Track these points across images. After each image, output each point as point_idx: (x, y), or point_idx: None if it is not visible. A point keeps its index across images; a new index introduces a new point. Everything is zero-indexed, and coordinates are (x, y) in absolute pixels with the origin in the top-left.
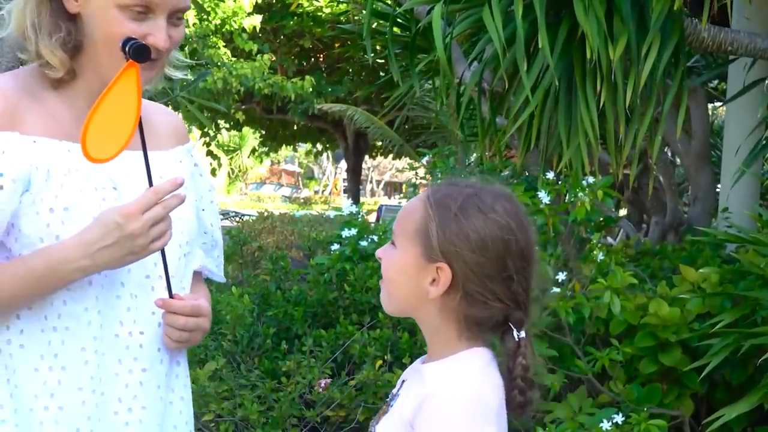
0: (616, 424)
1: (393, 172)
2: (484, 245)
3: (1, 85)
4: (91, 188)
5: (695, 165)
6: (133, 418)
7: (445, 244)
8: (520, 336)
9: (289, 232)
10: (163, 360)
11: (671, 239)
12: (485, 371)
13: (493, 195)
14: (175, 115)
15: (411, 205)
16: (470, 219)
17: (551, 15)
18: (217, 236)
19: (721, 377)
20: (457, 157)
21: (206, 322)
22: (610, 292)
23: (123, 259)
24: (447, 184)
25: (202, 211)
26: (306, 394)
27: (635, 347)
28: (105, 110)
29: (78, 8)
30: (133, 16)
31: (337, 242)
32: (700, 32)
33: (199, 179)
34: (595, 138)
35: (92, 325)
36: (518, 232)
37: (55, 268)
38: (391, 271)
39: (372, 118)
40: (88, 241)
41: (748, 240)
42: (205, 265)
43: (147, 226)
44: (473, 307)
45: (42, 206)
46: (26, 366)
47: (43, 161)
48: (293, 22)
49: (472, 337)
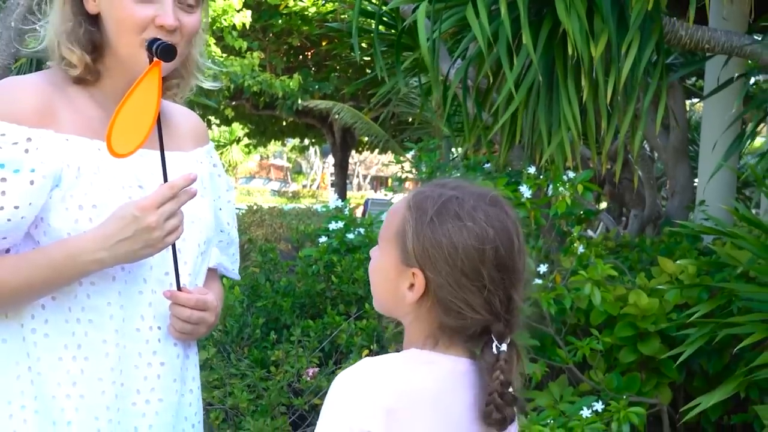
0: (596, 412)
1: (379, 167)
2: (456, 254)
3: (39, 82)
4: (119, 186)
5: (673, 160)
6: (150, 409)
7: (418, 250)
8: (500, 349)
9: (278, 225)
10: (179, 355)
11: (650, 232)
12: (395, 368)
13: (477, 198)
14: (196, 116)
15: (395, 206)
16: (444, 225)
17: (534, 13)
18: (233, 235)
19: (698, 366)
20: (442, 152)
21: (211, 316)
22: (591, 284)
23: (139, 252)
24: (433, 184)
25: (220, 210)
26: (294, 382)
27: (615, 337)
28: (130, 107)
29: (97, 8)
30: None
31: (325, 235)
32: (679, 30)
33: (218, 179)
34: (577, 133)
35: (114, 318)
36: (498, 240)
37: (73, 259)
38: (373, 273)
39: (358, 114)
40: (106, 234)
41: (725, 232)
42: (221, 262)
43: (162, 219)
44: (447, 316)
45: (71, 202)
46: (50, 355)
47: (74, 159)
48: (282, 20)
49: (444, 344)
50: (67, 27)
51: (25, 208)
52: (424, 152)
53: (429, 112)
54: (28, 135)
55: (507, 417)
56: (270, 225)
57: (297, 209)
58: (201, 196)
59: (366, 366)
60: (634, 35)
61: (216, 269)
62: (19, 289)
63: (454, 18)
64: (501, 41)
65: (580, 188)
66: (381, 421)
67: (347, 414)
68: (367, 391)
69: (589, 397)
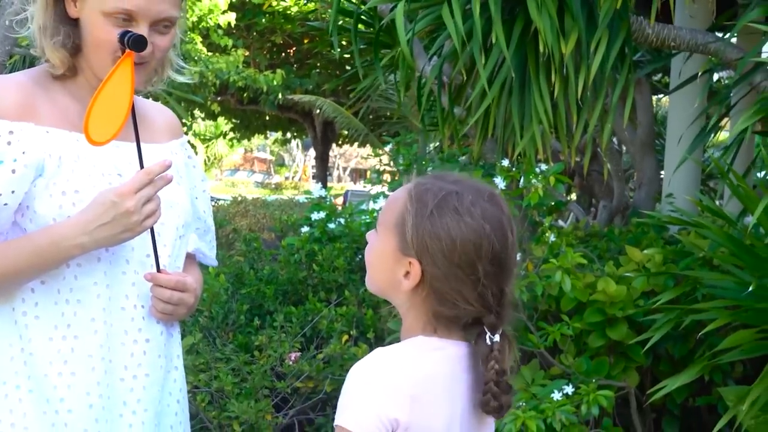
0: (567, 395)
1: (358, 160)
2: (454, 247)
3: (21, 80)
4: (99, 174)
5: (640, 153)
6: (137, 384)
7: (417, 241)
8: (493, 340)
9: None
10: (163, 332)
11: (618, 222)
12: (411, 356)
13: (476, 194)
14: (170, 111)
15: (396, 195)
16: (443, 219)
17: (506, 12)
18: (209, 223)
19: (665, 350)
20: (418, 145)
21: (190, 297)
22: (561, 272)
23: (119, 236)
24: (434, 177)
25: (196, 199)
26: (277, 366)
27: (584, 323)
28: (105, 97)
29: (77, 13)
30: (117, 23)
31: (307, 225)
32: (645, 29)
33: (193, 170)
34: (548, 127)
35: (101, 297)
36: (493, 235)
37: (56, 244)
38: (371, 256)
39: (339, 108)
40: (87, 220)
41: (690, 223)
42: (198, 248)
43: (140, 204)
44: (441, 306)
45: (55, 189)
46: (41, 335)
47: (55, 149)
48: (265, 19)
49: (443, 331)
50: (50, 28)
51: (8, 195)
52: (402, 145)
53: (406, 107)
54: (10, 128)
55: (504, 405)
56: (254, 215)
57: (280, 200)
58: (177, 184)
59: (382, 356)
60: (602, 33)
61: (194, 255)
62: (6, 274)
63: (430, 17)
64: (474, 39)
65: (552, 180)
66: (407, 407)
67: (374, 404)
68: (390, 380)
69: (560, 380)
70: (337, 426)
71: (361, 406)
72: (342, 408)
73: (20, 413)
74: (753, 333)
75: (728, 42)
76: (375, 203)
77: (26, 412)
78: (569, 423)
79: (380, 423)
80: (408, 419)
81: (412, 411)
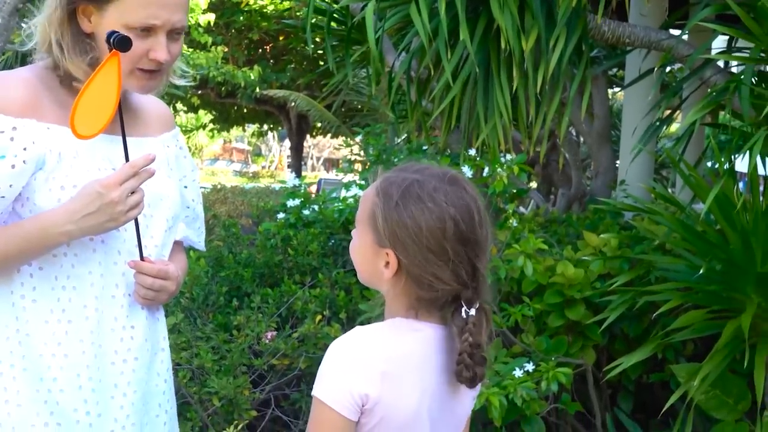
0: (528, 372)
1: (331, 150)
2: (421, 233)
3: (27, 76)
4: (95, 169)
5: (597, 143)
6: (127, 367)
7: (388, 232)
8: (468, 313)
9: (240, 202)
10: (148, 317)
11: (576, 209)
12: (385, 335)
13: (438, 179)
14: (163, 104)
15: (366, 192)
16: (408, 207)
17: (470, 10)
18: (198, 210)
19: (620, 330)
20: (387, 136)
21: (172, 285)
22: (523, 256)
23: (104, 224)
24: (398, 170)
25: (185, 188)
26: (254, 345)
27: (544, 304)
28: (91, 93)
29: (92, 28)
30: (137, 34)
31: (282, 211)
32: (601, 26)
33: (183, 161)
34: (509, 119)
35: (95, 286)
36: (458, 216)
37: (44, 231)
38: (354, 254)
39: (312, 102)
40: (74, 209)
41: (644, 209)
42: (187, 236)
43: (124, 195)
44: (421, 289)
45: (54, 184)
46: (38, 318)
47: (55, 145)
48: (243, 17)
49: (424, 314)
50: (72, 45)
51: (5, 189)
52: (372, 136)
53: (376, 100)
54: (14, 124)
55: (477, 375)
56: (232, 202)
57: (257, 188)
58: (168, 177)
59: (359, 335)
60: (561, 31)
61: (182, 242)
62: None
63: (399, 15)
64: (440, 36)
65: (516, 170)
66: (377, 383)
67: (346, 379)
68: (363, 357)
69: (521, 358)
70: (313, 396)
71: (334, 380)
72: (318, 381)
73: (14, 391)
74: (703, 313)
75: (680, 39)
76: (347, 191)
77: (20, 390)
78: (530, 398)
79: (350, 397)
80: (378, 395)
81: (383, 387)
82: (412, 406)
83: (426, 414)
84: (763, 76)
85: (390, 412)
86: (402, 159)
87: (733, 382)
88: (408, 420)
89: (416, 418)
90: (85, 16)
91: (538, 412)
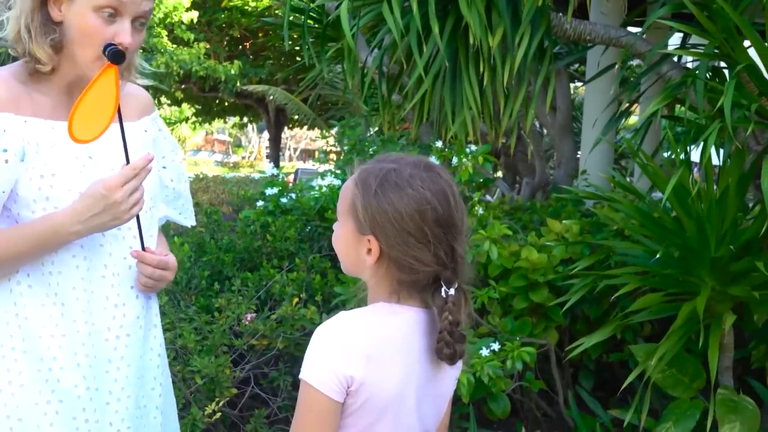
0: (494, 352)
1: (307, 141)
2: (401, 218)
3: (2, 74)
4: (72, 158)
5: (560, 135)
6: (120, 343)
7: (369, 220)
8: (448, 293)
9: (221, 191)
10: (138, 296)
11: (539, 197)
12: (369, 319)
13: (413, 167)
14: (142, 90)
15: (345, 185)
16: (387, 194)
17: (440, 9)
18: (179, 189)
19: (581, 312)
20: (361, 128)
21: (170, 275)
22: (489, 241)
23: (109, 223)
24: (375, 161)
25: (163, 168)
26: (235, 326)
27: (509, 287)
28: (88, 101)
29: (61, 17)
30: (104, 19)
31: (261, 199)
32: (564, 24)
33: (163, 141)
34: (477, 112)
35: (80, 268)
36: (435, 200)
37: (55, 231)
38: (337, 244)
39: (289, 96)
40: (81, 211)
41: (604, 197)
42: (167, 215)
43: (127, 195)
44: (402, 272)
45: (34, 173)
46: (35, 302)
47: (33, 137)
48: (224, 15)
49: (406, 298)
50: (39, 29)
51: (6, 183)
52: (346, 128)
53: (350, 94)
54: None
55: (457, 352)
56: (214, 191)
57: (237, 177)
58: None
59: (343, 319)
60: (525, 28)
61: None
62: (9, 258)
63: (372, 13)
64: (412, 33)
65: (481, 159)
66: (362, 366)
67: (332, 362)
68: (348, 341)
69: (488, 338)
70: (301, 379)
71: (320, 364)
72: (305, 364)
73: (16, 372)
74: (660, 296)
75: (638, 36)
76: (323, 180)
77: (21, 371)
78: (496, 376)
79: (336, 379)
80: (363, 377)
81: (367, 369)
82: (395, 387)
83: (410, 394)
84: (716, 72)
85: (374, 392)
86: (375, 150)
87: (688, 361)
88: (392, 400)
89: (400, 399)
90: (56, 5)
91: (503, 389)
